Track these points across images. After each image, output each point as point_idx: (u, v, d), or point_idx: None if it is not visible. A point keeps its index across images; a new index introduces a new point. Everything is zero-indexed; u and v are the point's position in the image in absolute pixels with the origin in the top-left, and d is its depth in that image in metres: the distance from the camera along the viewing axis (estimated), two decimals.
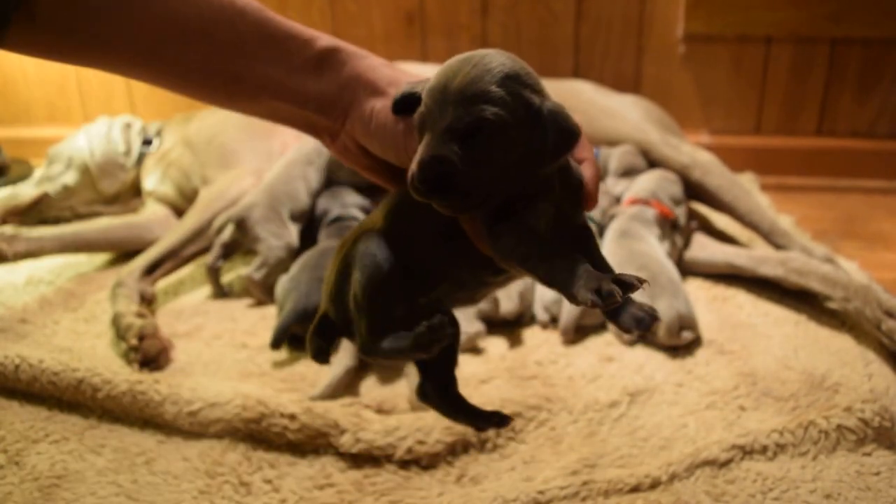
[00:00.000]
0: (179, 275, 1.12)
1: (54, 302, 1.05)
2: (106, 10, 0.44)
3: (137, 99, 1.67)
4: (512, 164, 0.40)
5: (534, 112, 0.41)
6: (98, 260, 1.18)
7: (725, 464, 0.70)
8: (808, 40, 1.42)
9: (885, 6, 1.38)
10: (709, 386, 0.84)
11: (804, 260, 0.98)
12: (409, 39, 1.54)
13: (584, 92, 1.27)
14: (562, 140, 0.41)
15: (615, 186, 1.13)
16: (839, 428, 0.73)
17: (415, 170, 0.39)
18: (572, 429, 0.78)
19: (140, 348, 0.90)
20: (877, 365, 0.86)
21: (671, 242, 1.05)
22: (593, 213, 1.07)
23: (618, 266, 0.96)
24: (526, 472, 0.72)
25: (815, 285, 0.95)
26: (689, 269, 1.06)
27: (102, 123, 1.32)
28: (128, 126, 1.33)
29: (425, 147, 0.39)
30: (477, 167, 0.39)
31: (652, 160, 1.15)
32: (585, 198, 0.45)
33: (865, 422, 0.73)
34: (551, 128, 0.41)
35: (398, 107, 0.44)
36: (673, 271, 0.96)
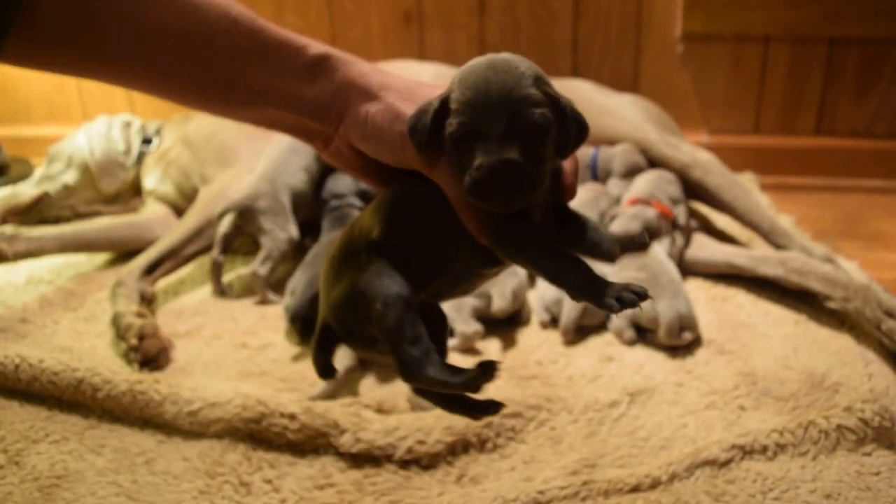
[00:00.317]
0: (180, 274, 1.12)
1: (54, 301, 1.05)
2: (107, 19, 0.44)
3: (136, 97, 1.67)
4: (551, 159, 0.43)
5: (561, 108, 0.43)
6: (98, 259, 1.18)
7: (725, 464, 0.70)
8: (805, 40, 1.42)
9: (882, 6, 1.37)
10: (709, 386, 0.84)
11: (804, 260, 0.98)
12: (406, 38, 1.53)
13: (583, 91, 1.27)
14: (581, 132, 0.44)
15: (614, 188, 1.13)
16: (839, 428, 0.73)
17: (481, 175, 0.40)
18: (572, 429, 0.78)
19: (140, 348, 0.90)
20: (877, 365, 0.86)
21: (671, 241, 1.05)
22: (593, 214, 1.07)
23: (619, 265, 0.98)
24: (526, 472, 0.72)
25: (815, 285, 0.95)
26: (688, 269, 1.06)
27: (102, 122, 1.32)
28: (127, 125, 1.33)
29: (486, 154, 0.41)
30: (536, 165, 0.42)
31: (651, 159, 1.15)
32: (564, 189, 0.46)
33: (865, 422, 0.73)
34: (572, 121, 0.44)
35: (425, 138, 0.44)
36: (673, 271, 0.97)
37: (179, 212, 1.25)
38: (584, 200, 1.09)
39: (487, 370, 0.42)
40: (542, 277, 0.43)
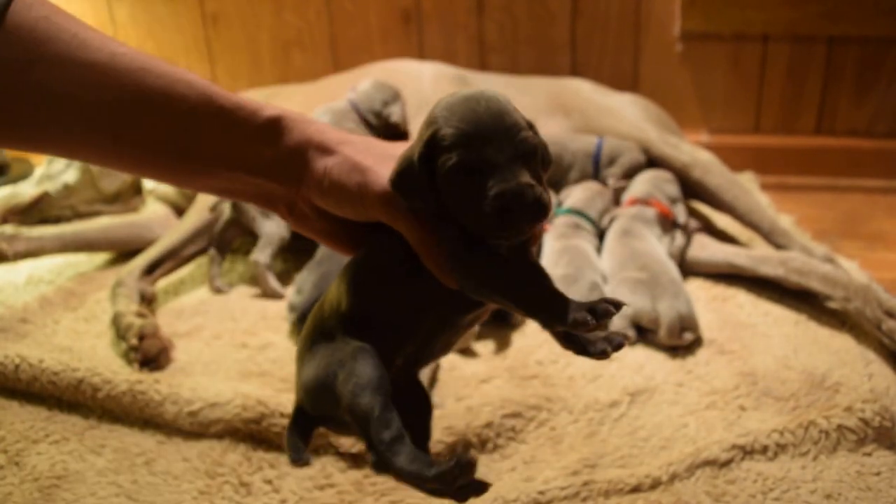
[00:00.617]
0: (180, 274, 1.12)
1: (54, 301, 1.05)
2: (60, 88, 0.42)
3: None
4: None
5: (535, 131, 0.44)
6: (98, 259, 1.18)
7: (726, 464, 0.70)
8: (804, 39, 1.42)
9: (881, 4, 1.37)
10: (709, 386, 0.84)
11: (804, 260, 0.97)
12: (405, 38, 1.53)
13: (583, 90, 1.26)
14: (547, 152, 0.45)
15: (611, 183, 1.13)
16: (840, 428, 0.73)
17: (507, 202, 0.40)
18: (572, 429, 0.78)
19: (140, 348, 0.90)
20: (877, 365, 0.86)
21: (671, 240, 1.05)
22: (593, 214, 1.07)
23: (619, 264, 0.97)
24: (526, 473, 0.72)
25: (816, 285, 0.95)
26: (689, 269, 1.06)
27: None
28: None
29: (503, 181, 0.40)
30: (541, 185, 0.42)
31: (651, 159, 1.15)
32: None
33: (866, 422, 0.73)
34: (541, 142, 0.44)
35: (418, 180, 0.43)
36: (674, 271, 0.96)
37: (180, 211, 1.25)
38: (580, 199, 1.09)
39: (464, 468, 0.39)
40: (513, 307, 0.42)
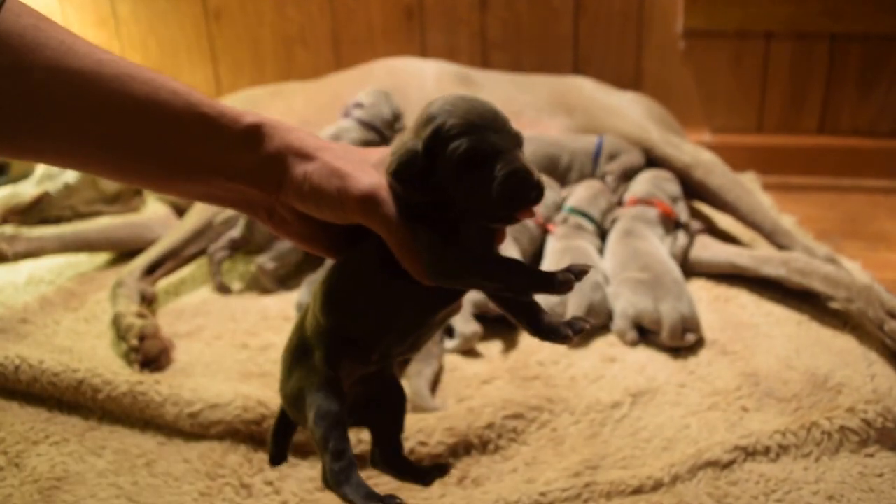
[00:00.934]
0: (180, 274, 1.11)
1: (55, 302, 1.05)
2: (45, 94, 0.42)
3: None
4: None
5: None
6: (99, 259, 1.18)
7: (728, 465, 0.70)
8: (807, 36, 1.41)
9: (883, 2, 1.36)
10: (711, 386, 0.84)
11: (807, 260, 0.97)
12: (408, 34, 1.53)
13: (585, 88, 1.26)
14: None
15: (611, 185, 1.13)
16: (842, 429, 0.73)
17: (520, 179, 0.43)
18: (574, 430, 0.78)
19: (141, 349, 0.89)
20: (879, 365, 0.85)
21: (674, 240, 1.04)
22: (595, 213, 1.07)
23: (621, 264, 0.97)
24: (528, 474, 0.72)
25: (818, 286, 0.95)
26: (691, 269, 1.06)
27: None
28: None
29: (510, 164, 0.44)
30: None
31: (653, 159, 1.15)
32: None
33: (868, 423, 0.73)
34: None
35: (411, 171, 0.45)
36: (676, 271, 0.96)
37: (180, 212, 1.24)
38: (583, 198, 1.08)
39: (392, 499, 0.44)
40: (493, 289, 0.45)
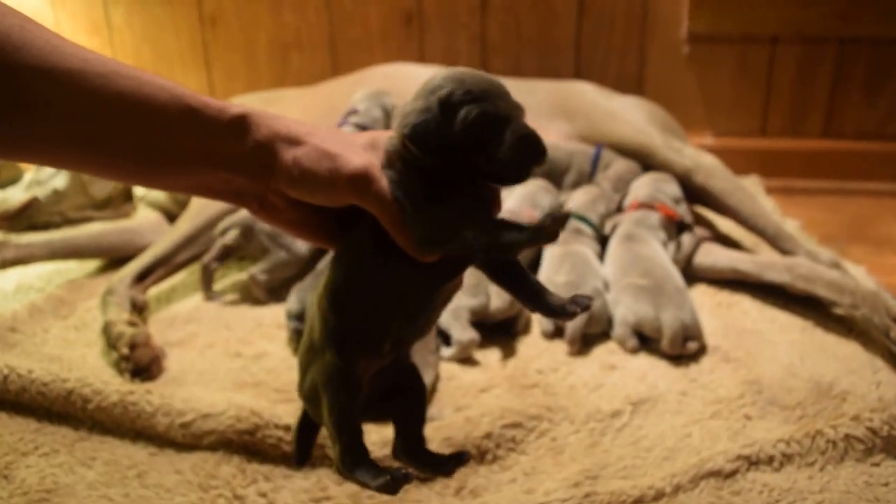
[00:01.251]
0: (172, 281, 1.10)
1: (44, 309, 1.03)
2: (40, 95, 0.42)
3: None
4: None
5: None
6: (89, 266, 1.16)
7: (731, 475, 0.69)
8: (815, 40, 1.39)
9: (894, 4, 1.35)
10: (713, 394, 0.82)
11: (810, 265, 0.96)
12: (406, 39, 1.52)
13: (587, 93, 1.25)
14: None
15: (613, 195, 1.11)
16: (847, 437, 0.71)
17: (530, 142, 0.45)
18: (574, 439, 0.76)
19: (132, 357, 0.88)
20: (885, 373, 0.84)
21: (677, 245, 1.03)
22: (594, 218, 1.06)
23: (621, 270, 0.96)
24: (527, 484, 0.70)
25: (822, 291, 0.93)
26: (693, 275, 1.05)
27: None
28: None
29: (521, 127, 0.45)
30: None
31: (654, 164, 1.14)
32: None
33: (874, 431, 0.72)
34: None
35: (429, 131, 0.46)
36: (678, 278, 0.95)
37: (172, 217, 1.23)
38: (581, 203, 1.07)
39: (398, 482, 0.46)
40: (484, 249, 0.44)
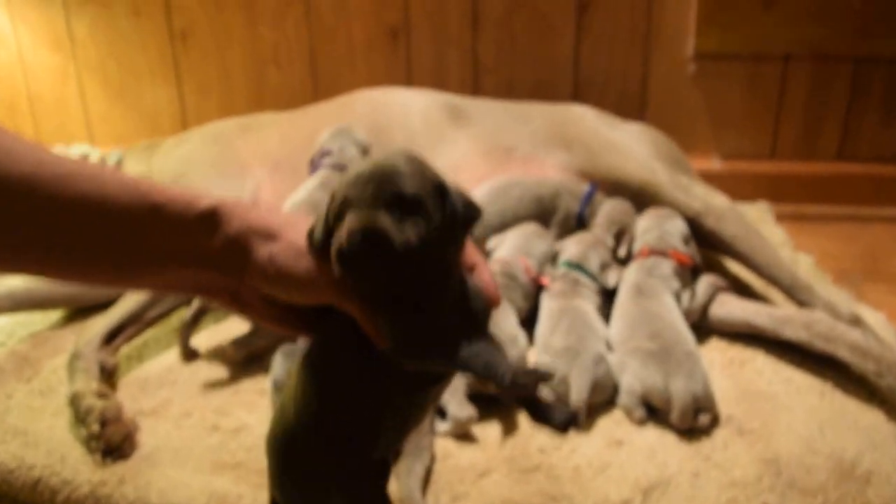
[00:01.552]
0: (144, 337, 1.02)
1: (6, 370, 0.96)
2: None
3: (94, 120, 1.52)
4: (432, 233, 0.46)
5: (439, 184, 0.47)
6: (53, 316, 1.08)
7: None
8: (829, 58, 1.31)
9: None
10: (728, 476, 0.76)
11: (830, 323, 0.89)
12: (392, 55, 1.41)
13: (586, 120, 1.15)
14: (469, 210, 0.47)
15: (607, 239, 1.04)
16: None
17: (348, 239, 0.42)
18: None
19: (102, 435, 0.81)
20: None
21: (692, 294, 0.97)
22: (592, 267, 0.98)
23: (629, 328, 0.89)
24: None
25: (844, 354, 0.87)
26: (706, 327, 0.98)
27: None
28: (85, 157, 1.21)
29: (352, 219, 0.42)
30: (405, 232, 0.45)
31: (660, 205, 1.06)
32: (490, 303, 0.48)
33: None
34: (457, 197, 0.47)
35: (321, 234, 0.45)
36: (689, 341, 0.88)
37: None
38: (577, 252, 1.00)
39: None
40: (456, 369, 0.43)
